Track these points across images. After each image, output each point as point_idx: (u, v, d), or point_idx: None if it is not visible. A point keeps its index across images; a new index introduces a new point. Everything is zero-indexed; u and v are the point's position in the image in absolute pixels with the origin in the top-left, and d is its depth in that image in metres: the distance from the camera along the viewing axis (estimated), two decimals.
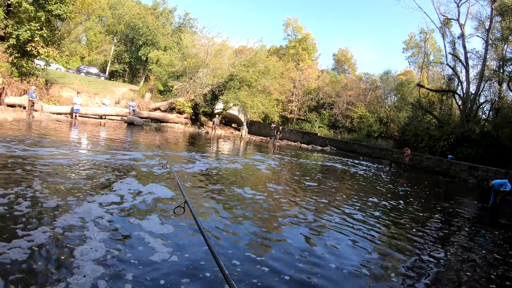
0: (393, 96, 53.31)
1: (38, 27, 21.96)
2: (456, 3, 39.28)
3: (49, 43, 23.53)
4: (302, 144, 41.26)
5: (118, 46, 55.89)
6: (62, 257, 4.31)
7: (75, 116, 24.56)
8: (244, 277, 4.60)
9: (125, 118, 28.61)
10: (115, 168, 9.87)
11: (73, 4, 24.07)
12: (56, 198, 6.42)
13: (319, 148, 39.66)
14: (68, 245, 4.63)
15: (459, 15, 39.34)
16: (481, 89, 38.29)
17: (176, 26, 59.03)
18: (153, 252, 4.81)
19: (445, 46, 42.54)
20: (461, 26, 39.36)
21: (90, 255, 4.43)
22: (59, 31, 25.32)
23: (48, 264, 4.11)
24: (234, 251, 5.42)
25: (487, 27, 36.87)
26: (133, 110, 29.22)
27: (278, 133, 36.64)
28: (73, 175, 8.39)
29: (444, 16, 40.96)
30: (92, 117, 26.79)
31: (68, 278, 3.83)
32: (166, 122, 32.56)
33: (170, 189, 8.37)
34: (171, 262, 4.61)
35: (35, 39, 22.17)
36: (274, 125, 39.35)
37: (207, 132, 33.93)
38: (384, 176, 20.58)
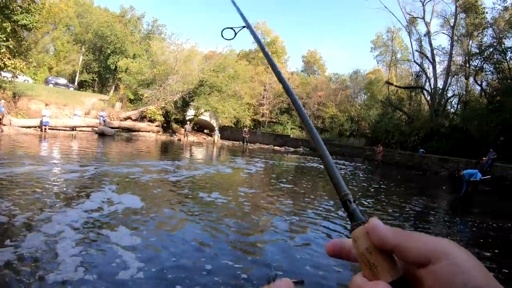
0: (363, 95, 54.56)
1: (4, 38, 21.59)
2: (421, 2, 40.91)
3: (16, 54, 23.14)
4: (275, 147, 41.58)
5: (87, 55, 55.11)
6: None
7: (45, 129, 24.28)
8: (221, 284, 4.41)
9: (96, 129, 28.52)
10: (87, 180, 9.88)
11: (39, 14, 23.65)
12: (31, 211, 6.39)
13: (292, 149, 40.14)
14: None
15: (424, 14, 40.90)
16: (448, 83, 39.97)
17: (145, 33, 58.79)
18: (120, 265, 4.54)
19: (411, 44, 44.17)
20: (427, 24, 40.89)
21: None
22: (25, 41, 24.88)
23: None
24: (209, 258, 5.17)
25: (452, 24, 38.58)
26: (104, 121, 29.09)
27: (246, 136, 36.67)
28: (48, 188, 8.34)
29: (410, 15, 42.45)
30: (62, 129, 26.64)
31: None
32: (138, 131, 32.49)
33: (141, 199, 8.26)
34: (137, 276, 4.31)
35: (1, 50, 21.77)
36: (247, 129, 39.60)
37: (179, 140, 33.99)
38: (358, 174, 21.00)
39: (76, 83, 52.97)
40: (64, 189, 8.52)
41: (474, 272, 0.37)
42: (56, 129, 26.08)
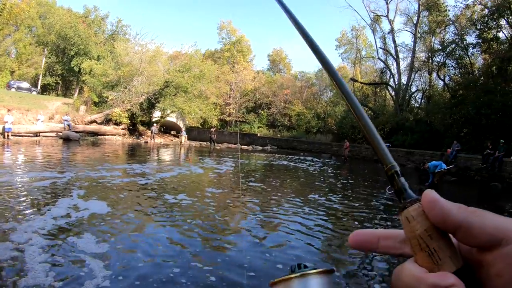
0: (329, 92, 55.51)
1: None
2: (385, 0, 42.36)
3: None
4: (243, 146, 42.08)
5: (49, 57, 53.69)
6: None
7: (7, 135, 23.70)
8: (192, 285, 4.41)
9: (60, 133, 28.10)
10: (55, 187, 9.64)
11: (0, 15, 23.09)
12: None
13: (260, 148, 40.85)
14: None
15: (388, 12, 42.48)
16: (412, 79, 41.85)
17: (109, 34, 58.14)
18: (87, 273, 4.47)
19: (376, 42, 45.79)
20: (391, 22, 42.52)
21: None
22: None
23: None
24: (177, 262, 5.15)
25: (415, 22, 40.47)
26: (68, 125, 28.73)
27: (213, 136, 36.72)
28: (15, 196, 8.21)
29: (374, 13, 44.00)
30: (25, 136, 26.20)
31: None
32: (103, 134, 32.19)
33: (107, 204, 8.23)
34: (104, 284, 4.23)
35: None
36: (214, 129, 39.66)
37: (146, 142, 34.01)
38: (326, 170, 21.52)
39: (39, 87, 51.76)
40: (32, 196, 8.40)
41: None
42: (19, 135, 25.54)
